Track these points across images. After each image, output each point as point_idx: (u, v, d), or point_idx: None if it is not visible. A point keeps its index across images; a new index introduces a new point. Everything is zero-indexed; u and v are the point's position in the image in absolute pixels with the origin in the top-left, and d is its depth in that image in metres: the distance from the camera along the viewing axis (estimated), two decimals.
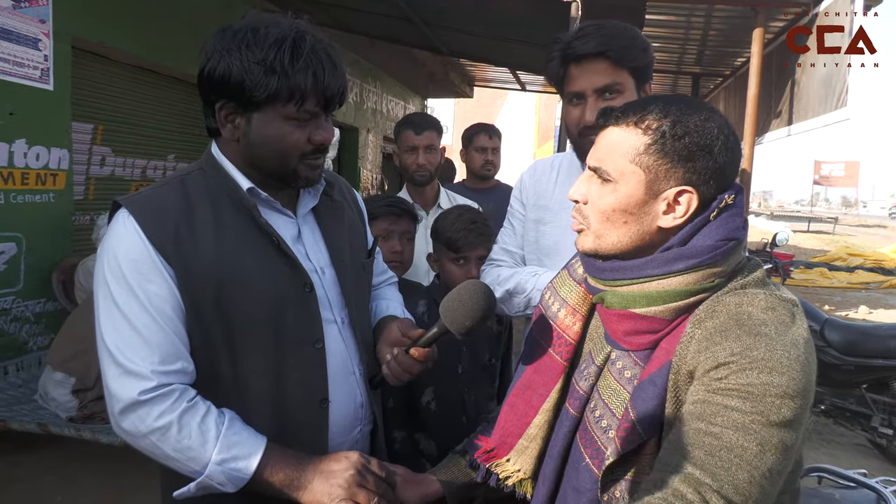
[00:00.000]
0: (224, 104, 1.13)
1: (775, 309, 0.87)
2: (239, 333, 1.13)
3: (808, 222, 26.15)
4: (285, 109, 1.10)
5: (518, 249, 1.78)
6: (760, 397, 0.80)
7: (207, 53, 1.12)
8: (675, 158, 0.91)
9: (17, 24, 3.48)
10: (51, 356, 3.07)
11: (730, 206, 0.93)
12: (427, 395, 1.79)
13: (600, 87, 1.47)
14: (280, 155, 1.14)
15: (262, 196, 1.18)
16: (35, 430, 2.83)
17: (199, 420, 1.06)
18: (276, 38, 1.08)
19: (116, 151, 4.58)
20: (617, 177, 0.94)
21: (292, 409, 1.18)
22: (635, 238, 0.95)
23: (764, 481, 0.78)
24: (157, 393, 1.05)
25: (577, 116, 1.51)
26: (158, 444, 1.05)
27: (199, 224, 1.12)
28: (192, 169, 1.21)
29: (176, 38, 4.59)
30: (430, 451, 1.79)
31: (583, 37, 1.46)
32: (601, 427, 0.96)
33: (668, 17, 5.71)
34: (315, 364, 1.21)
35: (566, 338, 1.09)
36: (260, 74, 1.07)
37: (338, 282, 1.28)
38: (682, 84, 8.80)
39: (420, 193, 2.71)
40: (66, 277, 3.79)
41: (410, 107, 11.06)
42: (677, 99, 0.95)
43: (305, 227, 1.27)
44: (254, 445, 1.08)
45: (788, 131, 5.31)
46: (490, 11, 4.91)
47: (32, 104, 3.62)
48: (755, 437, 0.79)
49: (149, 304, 1.07)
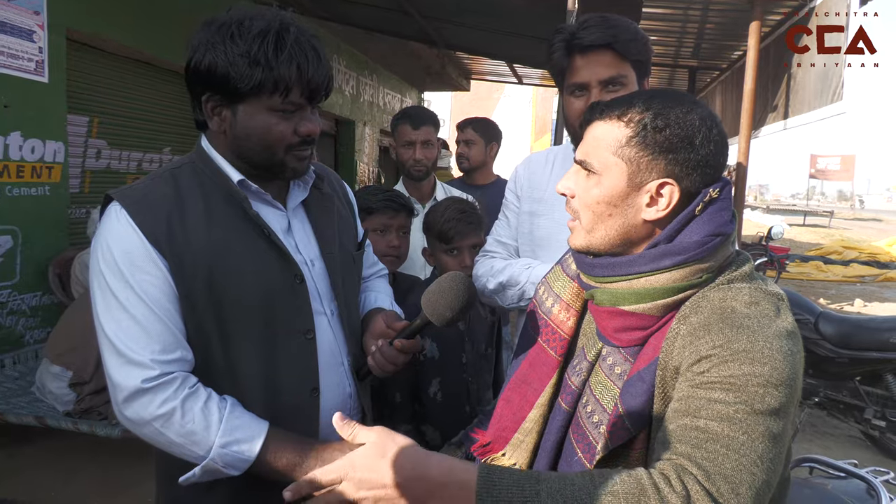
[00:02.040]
0: (210, 96, 1.14)
1: (759, 303, 0.88)
2: (231, 323, 1.14)
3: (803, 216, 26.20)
4: (270, 101, 1.11)
5: (512, 241, 1.79)
6: (743, 388, 0.80)
7: (193, 46, 1.12)
8: (656, 150, 0.92)
9: (11, 15, 3.46)
10: (48, 349, 3.07)
11: (716, 201, 0.93)
12: (434, 387, 1.83)
13: (605, 79, 1.46)
14: (266, 146, 1.15)
15: (252, 188, 1.19)
16: (32, 424, 2.84)
17: (201, 405, 1.08)
18: (259, 30, 1.08)
19: (112, 144, 4.56)
20: (601, 169, 0.95)
21: (284, 398, 1.19)
22: (622, 231, 0.96)
23: (755, 468, 0.78)
24: (159, 381, 1.06)
25: (580, 108, 1.49)
26: (162, 430, 1.07)
27: (190, 216, 1.13)
28: (184, 162, 1.22)
29: (172, 31, 4.58)
30: (436, 442, 1.82)
31: (588, 27, 1.45)
32: (592, 422, 0.97)
33: (665, 10, 5.70)
34: (306, 354, 1.22)
35: (560, 333, 1.10)
36: (244, 66, 1.08)
37: (327, 274, 1.29)
38: (679, 77, 8.79)
39: (417, 188, 2.71)
40: (62, 271, 3.79)
41: (407, 100, 11.02)
42: (661, 92, 0.96)
43: (295, 219, 1.28)
44: (256, 429, 1.09)
45: (784, 125, 5.31)
46: (487, 4, 4.89)
47: (27, 97, 3.60)
48: (740, 426, 0.79)
49: (145, 295, 1.08)
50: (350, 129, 8.72)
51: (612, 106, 0.96)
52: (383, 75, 9.75)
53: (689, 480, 0.78)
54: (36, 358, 3.53)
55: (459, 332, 1.86)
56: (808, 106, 4.71)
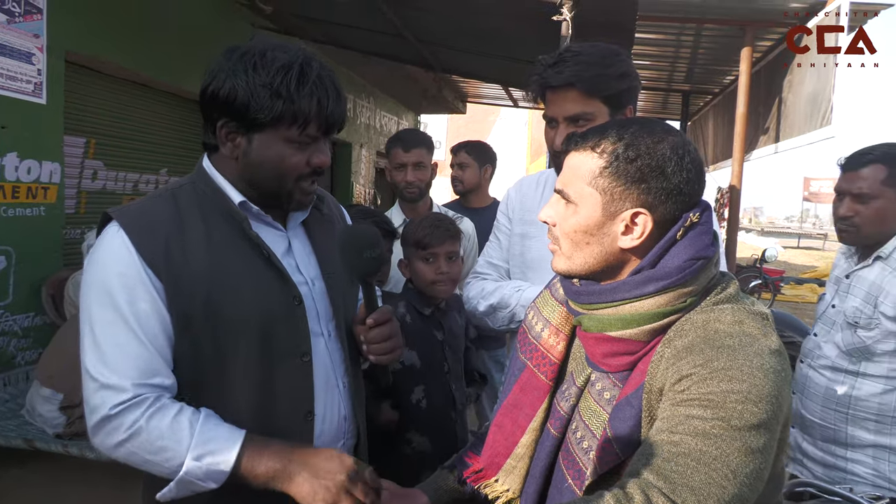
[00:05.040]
0: (226, 123, 1.15)
1: (743, 322, 0.89)
2: (226, 344, 1.13)
3: (798, 238, 26.33)
4: (288, 132, 1.13)
5: (503, 263, 1.80)
6: (721, 404, 0.81)
7: (213, 72, 1.14)
8: (628, 180, 0.93)
9: (11, 38, 3.49)
10: (38, 371, 3.04)
11: (697, 225, 0.95)
12: (417, 394, 1.85)
13: (570, 116, 1.51)
14: (278, 176, 1.17)
15: (253, 210, 1.20)
16: (21, 446, 2.80)
17: (170, 420, 1.06)
18: (283, 63, 1.11)
19: (108, 165, 4.58)
20: (577, 199, 0.97)
21: (277, 422, 1.18)
22: (601, 259, 0.97)
23: (726, 482, 0.78)
24: (129, 404, 1.05)
25: (551, 139, 1.56)
26: (134, 450, 1.06)
27: (189, 237, 1.13)
28: (184, 182, 1.22)
29: (170, 53, 4.61)
30: (424, 448, 1.84)
31: (557, 64, 1.49)
32: (582, 448, 0.97)
33: (657, 35, 5.79)
34: (301, 377, 1.21)
35: (550, 357, 1.10)
36: (265, 97, 1.10)
37: (327, 294, 1.29)
38: (672, 101, 8.91)
39: (412, 209, 2.73)
40: (55, 291, 3.77)
41: (404, 122, 11.11)
42: (635, 122, 0.97)
43: (296, 239, 1.29)
44: (231, 439, 1.07)
45: (776, 148, 5.37)
46: (482, 30, 4.97)
47: (25, 118, 3.62)
48: (714, 441, 0.80)
49: (132, 319, 1.07)
50: (347, 152, 8.77)
51: (587, 137, 0.98)
52: (380, 98, 9.83)
53: (654, 493, 0.78)
54: (27, 380, 3.49)
55: (438, 340, 1.89)
56: (798, 130, 4.77)
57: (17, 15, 3.53)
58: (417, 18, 5.04)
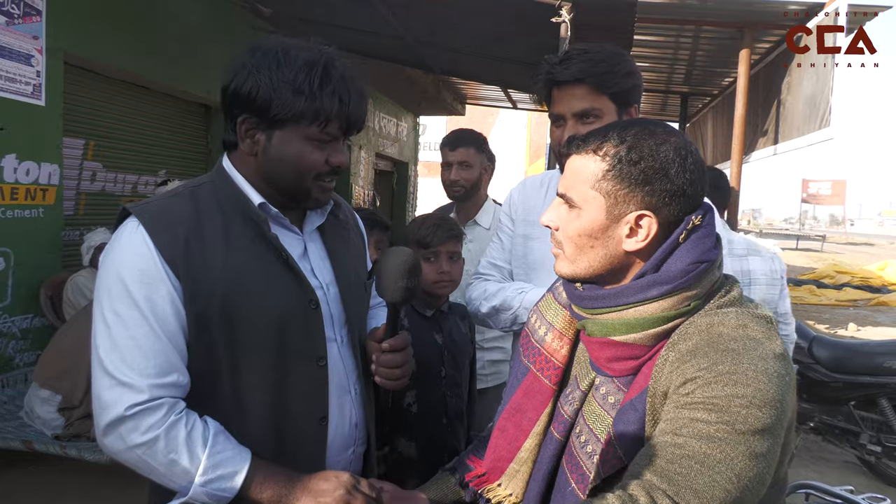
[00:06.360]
0: (246, 119, 1.15)
1: (746, 326, 0.89)
2: (242, 346, 1.13)
3: (796, 240, 26.36)
4: (308, 130, 1.13)
5: (506, 264, 1.80)
6: (726, 408, 0.81)
7: (235, 69, 1.14)
8: (632, 183, 0.93)
9: (10, 40, 3.49)
10: (37, 373, 3.04)
11: (699, 227, 0.94)
12: (409, 398, 1.82)
13: (578, 112, 1.51)
14: (297, 173, 1.17)
15: (272, 212, 1.20)
16: (20, 448, 2.80)
17: (185, 435, 1.05)
18: (306, 61, 1.11)
19: (107, 167, 4.57)
20: (581, 203, 0.97)
21: (292, 426, 1.18)
22: (605, 262, 0.97)
23: (729, 486, 0.78)
24: (145, 406, 1.04)
25: (558, 137, 1.56)
26: (145, 457, 1.05)
27: (208, 236, 1.12)
28: (203, 181, 1.21)
29: (169, 55, 4.61)
30: (410, 454, 1.80)
31: (566, 61, 1.51)
32: (586, 452, 0.97)
33: (656, 37, 5.80)
34: (317, 382, 1.21)
35: (554, 362, 1.10)
36: (288, 94, 1.10)
37: (341, 299, 1.29)
38: (670, 103, 8.92)
39: (463, 209, 2.73)
40: (54, 293, 3.77)
41: (403, 124, 11.12)
42: (637, 123, 0.97)
43: (312, 244, 1.28)
44: (238, 462, 1.07)
45: (774, 150, 5.38)
46: (482, 32, 4.97)
47: (24, 119, 3.62)
48: (718, 445, 0.80)
49: (150, 315, 1.06)
50: None
51: (589, 140, 0.98)
52: (379, 100, 9.83)
53: (658, 495, 0.78)
54: (26, 381, 3.48)
55: (438, 344, 1.87)
56: (797, 131, 4.78)
57: (17, 17, 3.53)
58: (417, 20, 5.04)
